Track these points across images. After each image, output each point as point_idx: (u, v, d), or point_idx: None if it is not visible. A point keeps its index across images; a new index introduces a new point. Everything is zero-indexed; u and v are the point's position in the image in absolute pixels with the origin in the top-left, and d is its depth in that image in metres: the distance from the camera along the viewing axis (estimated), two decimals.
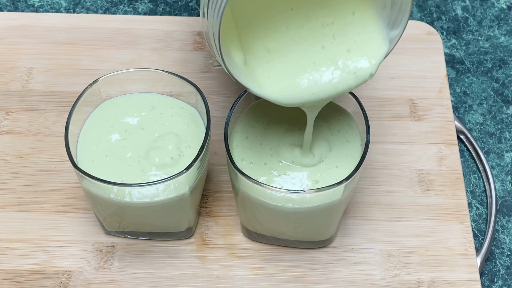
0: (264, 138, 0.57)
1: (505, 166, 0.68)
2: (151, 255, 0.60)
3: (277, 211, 0.54)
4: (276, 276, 0.59)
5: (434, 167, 0.65)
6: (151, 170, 0.55)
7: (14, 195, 0.63)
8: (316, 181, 0.55)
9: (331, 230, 0.60)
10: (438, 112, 0.69)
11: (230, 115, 0.56)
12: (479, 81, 0.74)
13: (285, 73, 0.52)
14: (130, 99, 0.59)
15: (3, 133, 0.67)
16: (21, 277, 0.59)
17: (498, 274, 0.62)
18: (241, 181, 0.53)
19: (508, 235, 0.64)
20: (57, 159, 0.65)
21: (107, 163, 0.56)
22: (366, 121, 0.55)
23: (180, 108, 0.59)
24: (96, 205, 0.57)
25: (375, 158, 0.66)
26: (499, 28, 0.78)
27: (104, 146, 0.57)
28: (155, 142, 0.57)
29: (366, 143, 0.54)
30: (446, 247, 0.61)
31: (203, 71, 0.71)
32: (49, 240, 0.61)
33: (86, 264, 0.60)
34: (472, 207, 0.66)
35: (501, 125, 0.71)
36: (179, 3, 0.80)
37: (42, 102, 0.69)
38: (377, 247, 0.61)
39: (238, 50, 0.52)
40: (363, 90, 0.70)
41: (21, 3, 0.79)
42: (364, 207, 0.63)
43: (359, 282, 0.59)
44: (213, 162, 0.65)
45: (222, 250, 0.61)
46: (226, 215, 0.63)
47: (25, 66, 0.71)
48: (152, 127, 0.58)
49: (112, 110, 0.59)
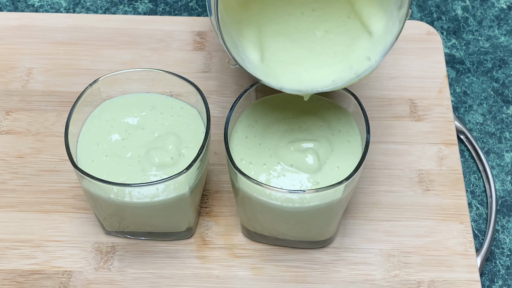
0: (263, 138, 0.57)
1: (505, 166, 0.68)
2: (151, 255, 0.60)
3: (277, 211, 0.54)
4: (276, 276, 0.59)
5: (434, 167, 0.65)
6: (151, 170, 0.55)
7: (14, 195, 0.63)
8: (316, 182, 0.55)
9: (331, 230, 0.60)
10: (438, 112, 0.69)
11: (230, 115, 0.56)
12: (479, 81, 0.74)
13: (300, 65, 0.55)
14: (130, 99, 0.59)
15: (3, 133, 0.67)
16: (21, 277, 0.59)
17: (498, 274, 0.62)
18: (241, 181, 0.53)
19: (508, 235, 0.64)
20: (57, 159, 0.65)
21: (107, 163, 0.56)
22: (366, 121, 0.55)
23: (180, 108, 0.59)
24: (96, 205, 0.57)
25: (375, 158, 0.66)
26: (499, 28, 0.78)
27: (104, 146, 0.57)
28: (155, 142, 0.57)
29: (366, 143, 0.54)
30: (446, 247, 0.61)
31: (203, 71, 0.71)
32: (49, 240, 0.61)
33: (86, 264, 0.60)
34: (472, 207, 0.66)
35: (501, 125, 0.71)
36: (179, 3, 0.80)
37: (42, 102, 0.69)
38: (377, 247, 0.61)
39: (255, 48, 0.55)
40: (363, 90, 0.70)
41: (21, 3, 0.79)
42: (364, 207, 0.63)
43: (359, 282, 0.59)
44: (213, 162, 0.65)
45: (222, 250, 0.61)
46: (226, 215, 0.63)
47: (25, 66, 0.71)
48: (152, 127, 0.58)
49: (112, 110, 0.59)
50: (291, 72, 0.55)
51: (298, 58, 0.56)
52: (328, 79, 0.55)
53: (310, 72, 0.55)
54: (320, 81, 0.55)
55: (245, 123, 0.58)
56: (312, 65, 0.56)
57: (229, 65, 0.71)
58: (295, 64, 0.56)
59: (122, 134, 0.57)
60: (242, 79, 0.71)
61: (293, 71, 0.55)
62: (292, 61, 0.56)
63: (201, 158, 0.54)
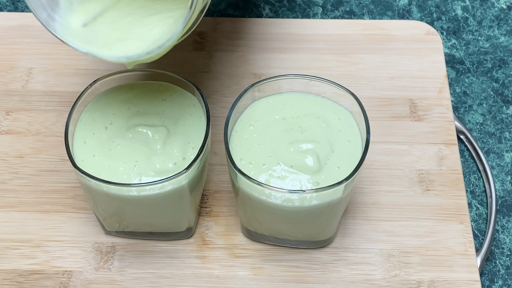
0: (262, 138, 0.57)
1: (505, 166, 0.68)
2: (151, 255, 0.60)
3: (277, 211, 0.54)
4: (276, 276, 0.59)
5: (434, 167, 0.65)
6: (151, 170, 0.55)
7: (14, 195, 0.63)
8: (316, 183, 0.54)
9: (331, 230, 0.60)
10: (438, 112, 0.69)
11: (230, 115, 0.56)
12: (479, 81, 0.74)
13: (123, 34, 0.55)
14: (130, 98, 0.59)
15: (3, 133, 0.67)
16: (21, 277, 0.59)
17: (498, 274, 0.62)
18: (241, 180, 0.54)
19: (508, 235, 0.64)
20: (57, 159, 0.65)
21: (107, 163, 0.55)
22: (366, 121, 0.55)
23: (179, 108, 0.59)
24: (96, 205, 0.57)
25: (375, 158, 0.66)
26: (499, 28, 0.78)
27: (105, 146, 0.56)
28: (155, 142, 0.56)
29: (366, 143, 0.54)
30: (446, 247, 0.61)
31: (203, 71, 0.71)
32: (49, 240, 0.61)
33: (86, 264, 0.60)
34: (472, 207, 0.66)
35: (501, 125, 0.71)
36: None
37: (42, 102, 0.69)
38: (377, 247, 0.61)
39: (81, 12, 0.54)
40: (363, 90, 0.70)
41: (21, 3, 0.79)
42: (364, 207, 0.63)
43: (359, 282, 0.59)
44: (213, 162, 0.65)
45: (222, 250, 0.61)
46: (226, 215, 0.63)
47: (25, 66, 0.71)
48: (152, 127, 0.58)
49: (112, 109, 0.58)
50: (115, 40, 0.55)
51: (122, 27, 0.56)
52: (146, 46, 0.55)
53: (132, 41, 0.55)
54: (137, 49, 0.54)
55: (244, 123, 0.58)
56: (134, 34, 0.55)
57: (229, 65, 0.71)
58: (119, 33, 0.55)
59: (122, 133, 0.57)
60: (242, 79, 0.71)
61: (116, 39, 0.55)
62: (115, 30, 0.55)
63: (201, 158, 0.54)
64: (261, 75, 0.71)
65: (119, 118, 0.57)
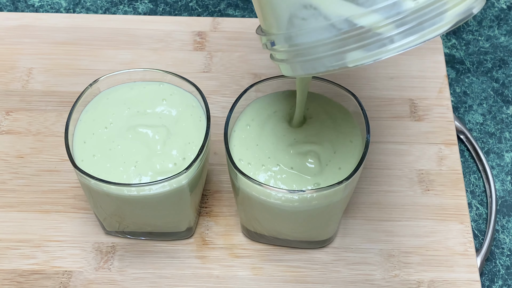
0: (260, 139, 0.56)
1: (505, 166, 0.68)
2: (151, 255, 0.60)
3: (277, 211, 0.54)
4: (276, 276, 0.59)
5: (434, 167, 0.65)
6: (151, 170, 0.55)
7: (14, 195, 0.63)
8: (317, 183, 0.54)
9: (331, 230, 0.60)
10: (438, 112, 0.69)
11: (230, 115, 0.56)
12: (479, 81, 0.74)
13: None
14: (130, 98, 0.59)
15: (3, 133, 0.67)
16: (21, 277, 0.59)
17: (498, 274, 0.62)
18: (241, 180, 0.53)
19: (508, 235, 0.64)
20: (57, 159, 0.65)
21: (107, 163, 0.55)
22: (366, 121, 0.55)
23: (179, 108, 0.59)
24: (96, 205, 0.57)
25: (375, 158, 0.66)
26: (499, 28, 0.78)
27: (105, 146, 0.56)
28: (155, 142, 0.56)
29: (366, 143, 0.54)
30: (446, 247, 0.61)
31: (203, 71, 0.71)
32: (49, 240, 0.61)
33: (86, 264, 0.60)
34: (472, 207, 0.66)
35: (501, 125, 0.71)
36: (179, 3, 0.80)
37: (42, 102, 0.69)
38: (377, 247, 0.61)
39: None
40: (363, 90, 0.70)
41: (21, 3, 0.79)
42: (364, 207, 0.63)
43: (359, 282, 0.59)
44: (213, 162, 0.65)
45: (222, 250, 0.61)
46: (226, 215, 0.63)
47: (25, 66, 0.71)
48: (152, 127, 0.58)
49: (112, 108, 0.58)
50: None
51: None
52: None
53: None
54: None
55: (242, 122, 0.58)
56: None
57: (229, 65, 0.71)
58: None
59: (122, 134, 0.57)
60: (242, 79, 0.71)
61: None
62: None
63: (201, 158, 0.54)
64: (261, 75, 0.71)
65: (119, 118, 0.57)
